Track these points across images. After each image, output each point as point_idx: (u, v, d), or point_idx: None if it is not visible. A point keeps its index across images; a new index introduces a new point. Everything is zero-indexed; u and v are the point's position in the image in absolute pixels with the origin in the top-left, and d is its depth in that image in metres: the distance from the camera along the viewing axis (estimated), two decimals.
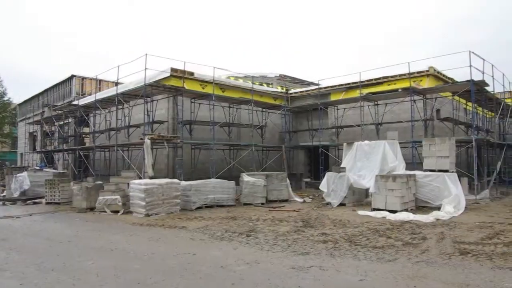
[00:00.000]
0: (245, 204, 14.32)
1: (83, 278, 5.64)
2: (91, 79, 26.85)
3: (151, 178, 13.63)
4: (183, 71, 16.68)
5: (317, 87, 21.58)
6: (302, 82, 29.93)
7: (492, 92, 17.43)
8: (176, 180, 12.90)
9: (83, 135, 25.72)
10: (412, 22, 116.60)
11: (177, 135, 16.28)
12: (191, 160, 17.91)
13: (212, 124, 16.99)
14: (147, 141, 14.17)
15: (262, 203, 14.28)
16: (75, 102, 22.31)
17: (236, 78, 23.66)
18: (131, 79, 17.30)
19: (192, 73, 17.47)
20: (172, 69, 16.45)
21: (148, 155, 14.19)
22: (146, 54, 14.71)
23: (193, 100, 18.05)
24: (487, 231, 8.65)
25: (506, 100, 19.82)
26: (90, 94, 23.89)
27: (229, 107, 20.12)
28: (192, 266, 6.18)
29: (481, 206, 12.96)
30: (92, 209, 13.00)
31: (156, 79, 16.00)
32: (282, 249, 7.27)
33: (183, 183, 13.38)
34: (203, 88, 17.86)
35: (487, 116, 22.04)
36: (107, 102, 19.33)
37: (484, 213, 11.33)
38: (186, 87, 16.73)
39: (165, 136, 15.18)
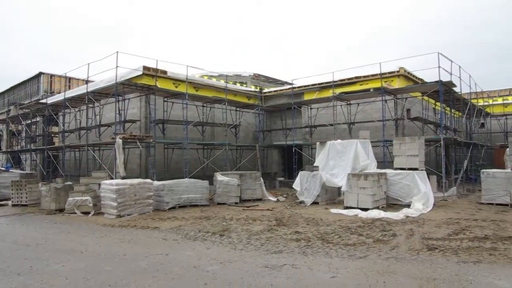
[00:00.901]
0: (219, 203, 14.28)
1: (51, 281, 5.49)
2: (60, 76, 26.11)
3: (123, 178, 13.39)
4: (156, 70, 16.45)
5: (291, 86, 21.76)
6: (276, 82, 30.11)
7: (460, 93, 18.06)
8: (148, 180, 12.72)
9: (52, 135, 24.95)
10: (384, 23, 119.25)
11: (150, 134, 16.05)
12: (164, 159, 17.69)
13: (186, 123, 16.84)
14: (119, 141, 13.90)
15: (236, 203, 14.28)
16: (43, 101, 21.60)
17: (210, 77, 23.54)
18: (102, 77, 16.92)
19: (165, 72, 17.26)
20: (145, 68, 16.19)
21: (120, 155, 13.93)
22: (117, 52, 14.45)
23: (166, 99, 17.84)
24: (454, 227, 8.97)
25: (472, 101, 20.56)
26: (59, 92, 23.19)
27: (203, 106, 20.00)
28: (165, 267, 6.12)
29: (449, 203, 13.41)
30: (61, 210, 12.64)
31: (128, 77, 15.71)
32: (256, 248, 7.30)
33: (156, 183, 13.21)
34: (176, 87, 17.67)
35: (455, 116, 22.83)
36: (77, 101, 18.83)
37: (451, 210, 11.73)
38: (159, 86, 16.50)
39: (137, 136, 14.92)
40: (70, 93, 19.24)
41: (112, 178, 13.62)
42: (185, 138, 16.72)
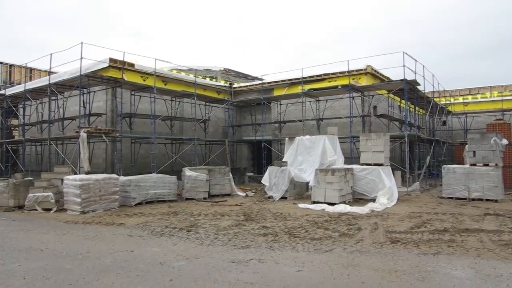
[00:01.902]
0: (187, 199, 14.14)
1: (7, 282, 5.25)
2: (20, 67, 24.98)
3: (87, 173, 12.99)
4: (123, 62, 16.01)
5: (260, 82, 21.77)
6: (246, 77, 30.07)
7: (423, 91, 18.67)
8: (114, 175, 12.41)
9: (11, 128, 23.85)
10: (352, 22, 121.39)
11: (116, 128, 15.64)
12: (131, 154, 17.31)
13: (154, 118, 16.53)
14: (83, 135, 13.46)
15: (205, 198, 14.19)
16: (2, 92, 20.60)
17: (179, 71, 23.20)
18: (66, 69, 16.32)
19: (132, 64, 16.85)
20: (111, 60, 15.74)
21: (84, 149, 13.49)
22: (81, 43, 13.95)
23: (133, 93, 17.43)
24: (416, 220, 9.28)
25: (435, 99, 21.29)
26: (19, 83, 22.20)
27: (171, 100, 19.69)
28: (129, 264, 5.99)
29: (412, 197, 13.86)
30: (21, 207, 12.12)
31: (93, 69, 15.22)
32: (223, 243, 7.28)
33: (122, 178, 12.92)
34: (144, 80, 17.29)
35: (419, 113, 23.59)
36: (38, 93, 18.09)
37: (414, 204, 12.13)
38: (126, 79, 16.09)
39: (102, 129, 14.50)
40: (31, 85, 18.44)
41: (76, 173, 13.21)
42: (153, 133, 16.43)
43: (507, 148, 15.45)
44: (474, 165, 13.34)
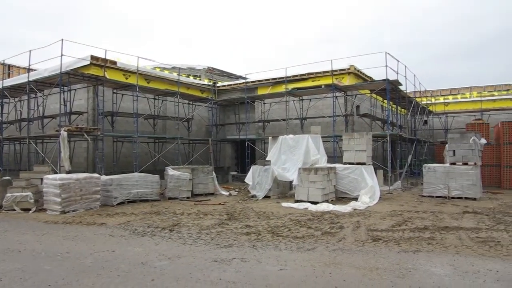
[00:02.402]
0: (170, 198, 14.03)
1: None
2: None
3: (68, 172, 12.77)
4: (105, 60, 15.76)
5: (244, 81, 21.74)
6: (230, 76, 29.99)
7: (405, 91, 18.95)
8: (96, 175, 12.21)
9: None
10: (337, 22, 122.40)
11: (98, 127, 15.40)
12: (113, 153, 17.10)
13: (136, 116, 16.34)
14: (64, 133, 13.21)
15: (188, 197, 14.11)
16: None
17: (163, 69, 22.95)
18: (47, 66, 15.97)
19: (114, 62, 16.58)
20: (92, 57, 15.46)
21: (65, 148, 13.25)
22: (62, 40, 13.69)
23: (115, 91, 17.21)
24: (397, 218, 9.41)
25: (416, 99, 21.64)
26: None
27: (154, 98, 19.51)
28: (110, 264, 5.91)
29: (394, 196, 14.06)
30: None
31: (74, 67, 14.93)
32: (205, 242, 7.24)
33: (104, 177, 12.73)
34: (126, 78, 17.05)
35: (401, 113, 23.93)
36: (17, 90, 17.67)
37: (396, 203, 12.31)
38: (108, 77, 15.83)
39: (83, 128, 14.26)
40: (9, 82, 17.99)
41: (56, 173, 12.95)
42: (136, 131, 16.24)
43: (485, 147, 15.82)
44: (454, 164, 13.61)
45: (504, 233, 7.65)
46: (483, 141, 14.41)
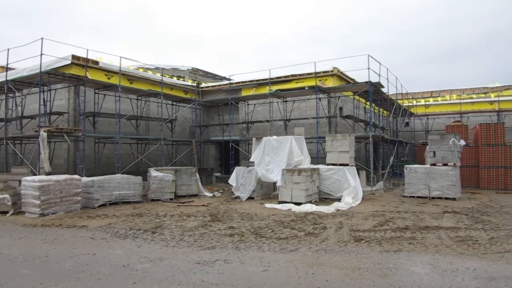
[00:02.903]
0: (153, 200, 13.89)
1: None
2: None
3: (47, 174, 12.50)
4: (86, 59, 15.52)
5: (228, 82, 21.71)
6: (215, 77, 29.92)
7: (387, 94, 19.21)
8: (76, 176, 11.99)
9: None
10: (321, 24, 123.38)
11: (79, 127, 15.11)
12: (95, 154, 16.81)
13: (118, 117, 16.11)
14: (43, 134, 12.93)
15: (171, 199, 13.99)
16: None
17: (146, 69, 22.76)
18: (26, 65, 15.61)
19: (96, 62, 16.37)
20: (74, 57, 15.21)
21: (44, 149, 12.96)
22: (42, 38, 13.40)
23: (97, 91, 16.93)
24: (379, 219, 9.53)
25: (398, 101, 21.97)
26: None
27: (137, 99, 19.28)
28: (91, 267, 5.81)
29: (376, 196, 14.23)
30: None
31: (55, 66, 14.65)
32: (188, 244, 7.19)
33: (85, 179, 12.52)
34: (108, 78, 16.84)
35: (383, 115, 24.27)
36: None
37: (378, 203, 12.46)
38: (90, 77, 15.59)
39: (64, 129, 13.97)
40: None
41: (35, 174, 12.67)
42: (118, 132, 16.01)
43: (464, 148, 16.16)
44: (434, 165, 13.86)
45: (481, 232, 7.83)
46: (462, 142, 14.72)
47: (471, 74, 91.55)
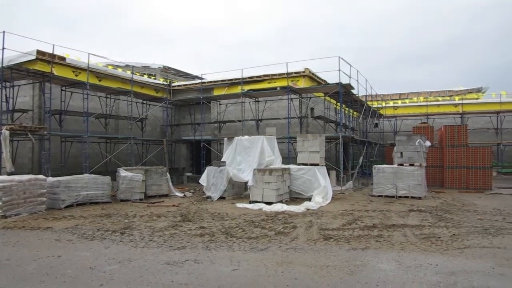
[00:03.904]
0: (122, 200, 13.62)
1: None
2: None
3: (9, 174, 12.03)
4: (52, 55, 15.05)
5: (200, 81, 21.59)
6: (186, 75, 29.65)
7: (357, 95, 19.62)
8: (41, 176, 11.59)
9: None
10: (294, 24, 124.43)
11: (44, 126, 14.62)
12: (61, 154, 16.31)
13: (86, 115, 15.70)
14: (5, 132, 12.43)
15: (141, 199, 13.76)
16: None
17: (116, 67, 22.29)
18: None
19: (63, 58, 15.92)
20: (39, 52, 14.73)
21: (6, 148, 12.46)
22: (4, 32, 12.88)
23: (64, 88, 16.44)
24: (348, 217, 9.71)
25: (368, 103, 22.47)
26: None
27: (106, 97, 18.85)
28: (55, 270, 5.63)
29: (346, 196, 14.49)
30: None
31: (18, 61, 14.17)
32: (158, 245, 7.10)
33: (50, 179, 12.11)
34: (76, 75, 16.40)
35: (353, 116, 24.77)
36: None
37: (347, 202, 12.70)
38: (56, 73, 15.13)
39: (28, 127, 13.48)
40: None
41: None
42: (86, 131, 15.60)
43: (429, 149, 16.72)
44: (402, 165, 14.27)
45: (444, 229, 8.13)
46: (428, 143, 15.22)
47: (438, 78, 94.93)
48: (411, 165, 14.09)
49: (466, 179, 17.04)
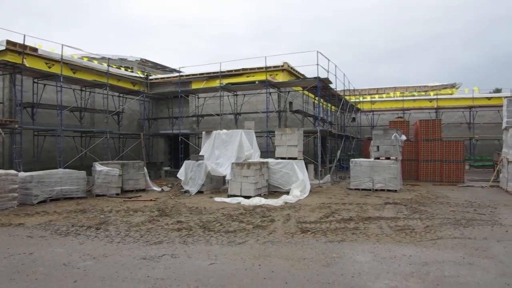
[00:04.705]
0: (98, 195, 13.37)
1: None
2: None
3: None
4: (24, 46, 14.55)
5: (178, 74, 21.31)
6: (164, 69, 29.26)
7: (335, 89, 19.78)
8: (12, 171, 11.22)
9: None
10: (274, 18, 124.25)
11: (15, 119, 14.15)
12: (34, 148, 15.85)
13: (60, 108, 15.27)
14: None
15: (117, 194, 13.53)
16: None
17: (92, 59, 21.78)
18: None
19: (35, 49, 15.40)
20: (9, 42, 14.22)
21: None
22: None
23: (36, 80, 15.93)
24: (325, 211, 9.82)
25: (346, 97, 22.70)
26: None
27: (81, 90, 18.40)
28: (27, 267, 5.48)
29: (323, 189, 14.64)
30: None
31: None
32: (134, 240, 7.00)
33: (22, 174, 11.76)
34: (49, 67, 15.91)
35: (331, 110, 25.00)
36: None
37: (325, 195, 12.83)
38: (27, 65, 14.63)
39: None
40: None
41: None
42: (60, 125, 15.18)
43: (405, 143, 17.06)
44: (378, 158, 14.51)
45: (418, 221, 8.32)
46: (404, 137, 15.52)
47: (414, 73, 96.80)
48: (387, 158, 14.34)
49: (440, 172, 17.47)
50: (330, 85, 18.43)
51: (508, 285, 4.61)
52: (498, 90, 35.08)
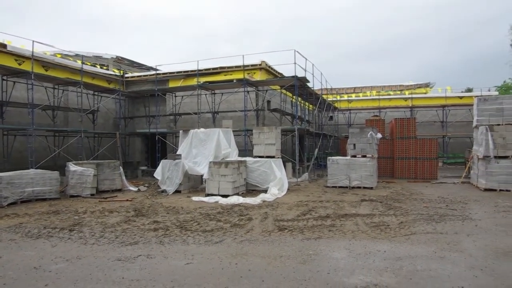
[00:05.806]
0: (72, 196, 13.05)
1: None
2: None
3: None
4: None
5: (155, 72, 21.05)
6: (141, 66, 28.83)
7: (313, 88, 19.94)
8: None
9: None
10: (253, 17, 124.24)
11: None
12: (4, 148, 15.34)
13: (31, 107, 14.81)
14: None
15: (92, 194, 13.24)
16: None
17: (65, 56, 21.25)
18: None
19: (4, 45, 14.92)
20: None
21: None
22: None
23: (5, 78, 15.42)
24: (303, 208, 9.88)
25: (323, 96, 22.93)
26: None
27: (54, 88, 17.91)
28: None
29: (301, 187, 14.74)
30: None
31: None
32: (109, 241, 6.87)
33: None
34: (19, 64, 15.43)
35: (309, 109, 25.19)
36: None
37: (302, 193, 12.92)
38: None
39: None
40: None
41: None
42: (31, 124, 14.73)
43: (381, 141, 17.37)
44: (355, 156, 14.71)
45: (393, 218, 8.49)
46: (379, 135, 15.79)
47: (391, 73, 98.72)
48: (364, 156, 14.56)
49: (414, 169, 17.87)
50: (308, 84, 18.57)
51: (476, 277, 4.76)
52: (469, 90, 36.22)
